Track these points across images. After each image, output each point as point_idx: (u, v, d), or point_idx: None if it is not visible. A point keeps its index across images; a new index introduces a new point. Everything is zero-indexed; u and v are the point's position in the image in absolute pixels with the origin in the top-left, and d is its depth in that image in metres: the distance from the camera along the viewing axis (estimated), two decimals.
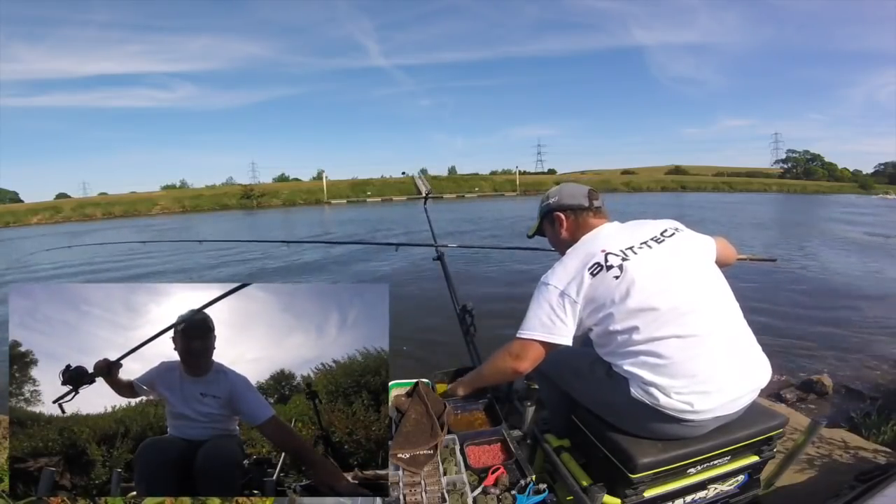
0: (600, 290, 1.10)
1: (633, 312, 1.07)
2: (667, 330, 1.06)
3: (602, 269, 1.11)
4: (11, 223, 39.01)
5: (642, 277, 1.09)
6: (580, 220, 1.30)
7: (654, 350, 1.05)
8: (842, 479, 1.62)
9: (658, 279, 1.10)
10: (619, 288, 1.08)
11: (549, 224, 1.38)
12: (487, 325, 2.15)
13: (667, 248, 1.17)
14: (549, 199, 1.37)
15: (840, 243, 10.39)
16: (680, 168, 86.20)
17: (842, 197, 42.44)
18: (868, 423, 2.35)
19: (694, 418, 1.06)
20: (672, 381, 1.03)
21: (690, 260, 1.18)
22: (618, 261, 1.11)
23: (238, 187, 53.04)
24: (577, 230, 1.30)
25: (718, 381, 1.05)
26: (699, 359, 1.05)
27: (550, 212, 1.35)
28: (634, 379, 1.08)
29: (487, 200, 38.25)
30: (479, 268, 7.53)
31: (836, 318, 4.67)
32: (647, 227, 1.24)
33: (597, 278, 1.11)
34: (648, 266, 1.11)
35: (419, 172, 58.12)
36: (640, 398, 1.07)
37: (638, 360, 1.07)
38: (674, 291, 1.09)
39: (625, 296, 1.07)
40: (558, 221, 1.33)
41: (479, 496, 1.21)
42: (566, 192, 1.35)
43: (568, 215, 1.32)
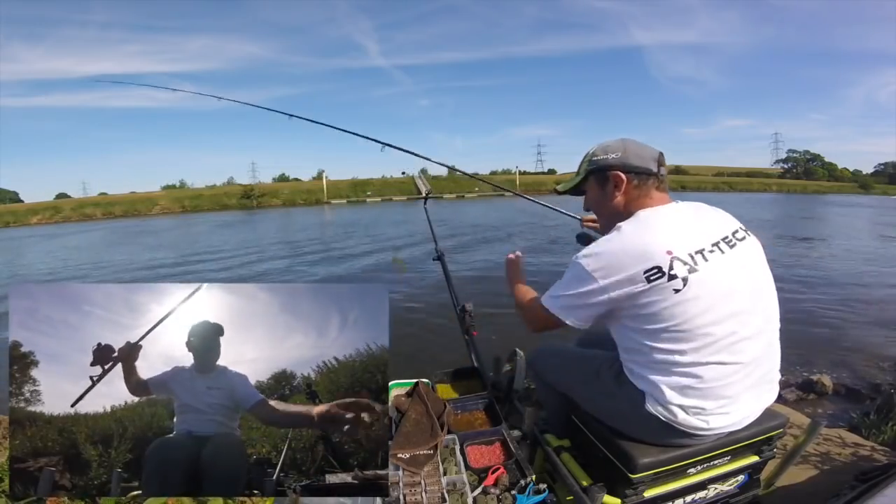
0: (654, 301, 0.94)
1: (684, 335, 0.94)
2: (716, 357, 0.95)
3: (663, 278, 0.92)
4: (11, 223, 39.01)
5: (708, 296, 0.93)
6: (643, 188, 1.07)
7: (693, 373, 0.96)
8: (842, 479, 1.62)
9: (724, 302, 0.95)
10: (677, 306, 0.93)
11: (600, 183, 1.12)
12: (488, 326, 2.15)
13: (738, 256, 0.99)
14: (607, 153, 1.11)
15: (843, 242, 10.39)
16: (680, 168, 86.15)
17: (843, 197, 42.37)
18: (868, 422, 2.35)
19: (706, 434, 1.03)
20: (698, 403, 0.97)
21: (758, 276, 1.03)
22: (684, 271, 0.92)
23: (238, 187, 53.07)
24: (635, 200, 1.08)
25: (739, 405, 1.02)
26: (736, 385, 0.98)
27: (607, 168, 1.09)
28: (654, 394, 1.00)
29: (487, 200, 38.24)
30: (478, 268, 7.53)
31: (836, 317, 4.67)
32: (718, 222, 1.05)
33: (653, 286, 0.92)
34: (717, 283, 0.94)
35: (419, 172, 58.02)
36: (654, 413, 1.01)
37: (670, 380, 0.98)
38: (737, 317, 0.96)
39: (681, 316, 0.93)
40: (615, 182, 1.08)
41: (479, 496, 1.22)
42: (633, 149, 1.09)
43: (631, 178, 1.07)
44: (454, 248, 9.53)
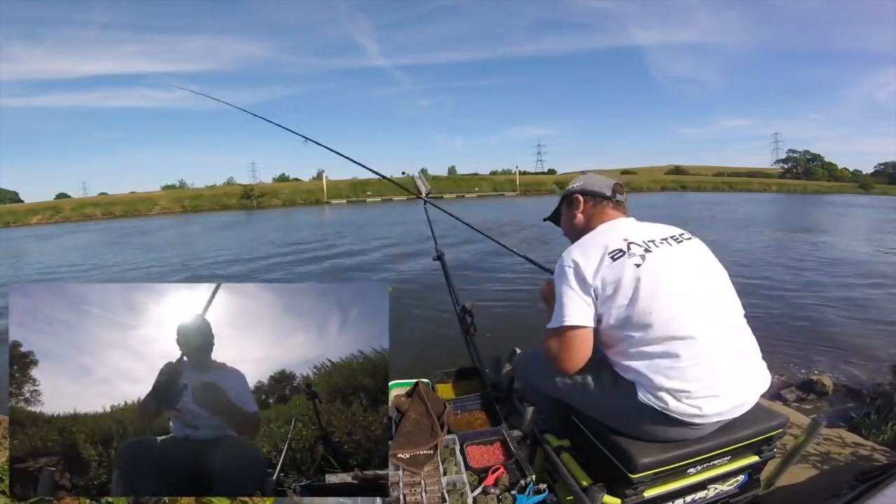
0: (620, 276, 1.07)
1: (649, 306, 1.05)
2: (681, 331, 1.04)
3: (624, 255, 1.09)
4: (11, 223, 39.00)
5: (663, 270, 1.08)
6: (598, 207, 1.30)
7: (666, 351, 1.04)
8: (842, 479, 1.62)
9: (677, 276, 1.09)
10: (639, 276, 1.06)
11: (567, 207, 1.38)
12: (488, 326, 2.15)
13: (686, 248, 1.17)
14: (572, 184, 1.38)
15: (843, 242, 10.40)
16: (680, 168, 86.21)
17: (843, 197, 42.38)
18: (868, 422, 2.35)
19: (701, 422, 1.05)
20: (682, 385, 1.02)
21: (706, 263, 1.18)
22: (640, 250, 1.10)
23: (238, 187, 53.00)
24: (593, 217, 1.30)
25: (725, 386, 1.04)
26: (708, 363, 1.03)
27: (571, 194, 1.36)
28: (643, 382, 1.06)
29: (487, 200, 38.25)
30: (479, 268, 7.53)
31: (836, 317, 4.66)
32: (666, 228, 1.24)
33: (617, 263, 1.08)
34: (669, 261, 1.10)
35: (419, 172, 57.91)
36: (648, 402, 1.05)
37: (650, 363, 1.05)
38: (691, 291, 1.08)
39: (644, 286, 1.05)
40: (576, 204, 1.33)
41: (479, 496, 1.22)
42: (591, 179, 1.36)
43: (587, 200, 1.32)
44: (452, 248, 9.54)
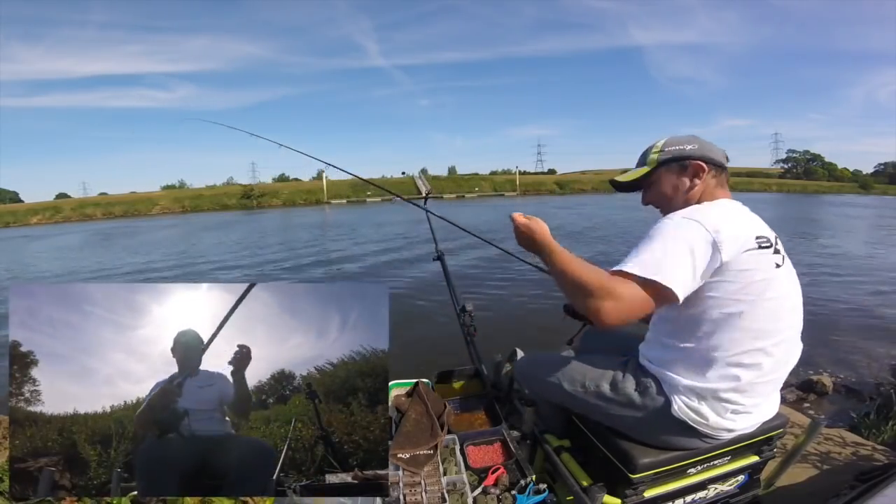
0: (757, 267, 0.89)
1: (767, 313, 0.91)
2: (778, 348, 0.94)
3: (770, 248, 0.92)
4: (11, 223, 38.98)
5: (793, 280, 0.95)
6: (719, 180, 1.06)
7: (750, 363, 0.93)
8: (842, 479, 1.62)
9: (797, 289, 0.97)
10: (774, 280, 0.90)
11: (676, 173, 1.06)
12: (488, 325, 2.15)
13: (786, 256, 1.00)
14: (681, 144, 1.07)
15: (843, 242, 10.39)
16: None
17: (843, 197, 42.36)
18: (868, 422, 2.35)
19: (728, 436, 1.03)
20: (739, 398, 0.97)
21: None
22: (781, 249, 0.95)
23: (238, 187, 53.03)
24: (712, 191, 1.05)
25: (766, 405, 1.03)
26: (770, 383, 0.99)
27: (687, 158, 1.05)
28: (687, 390, 0.98)
29: (488, 200, 38.24)
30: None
31: (836, 317, 4.67)
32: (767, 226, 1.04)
33: (763, 253, 0.90)
34: (792, 270, 0.97)
35: (419, 172, 58.13)
36: (681, 417, 0.99)
37: (721, 371, 0.94)
38: (796, 312, 0.98)
39: (774, 292, 0.90)
40: (696, 171, 1.04)
41: (479, 496, 1.21)
42: (706, 143, 1.07)
43: (710, 169, 1.04)
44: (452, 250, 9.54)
